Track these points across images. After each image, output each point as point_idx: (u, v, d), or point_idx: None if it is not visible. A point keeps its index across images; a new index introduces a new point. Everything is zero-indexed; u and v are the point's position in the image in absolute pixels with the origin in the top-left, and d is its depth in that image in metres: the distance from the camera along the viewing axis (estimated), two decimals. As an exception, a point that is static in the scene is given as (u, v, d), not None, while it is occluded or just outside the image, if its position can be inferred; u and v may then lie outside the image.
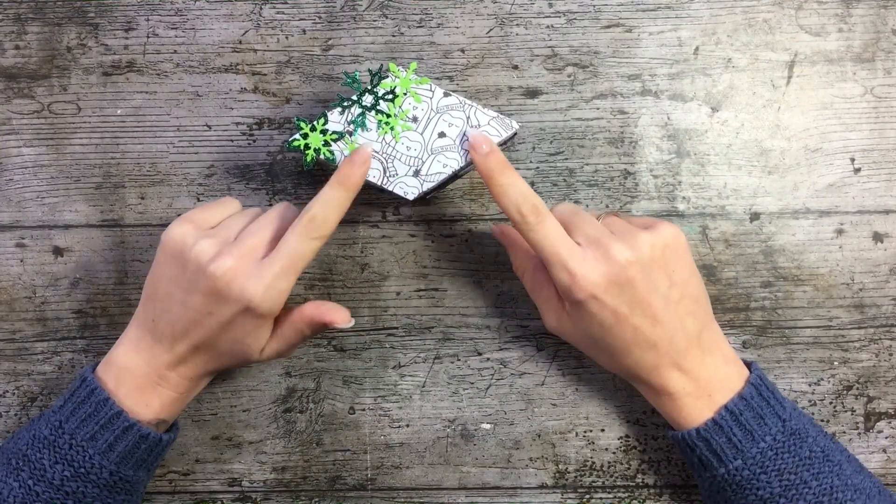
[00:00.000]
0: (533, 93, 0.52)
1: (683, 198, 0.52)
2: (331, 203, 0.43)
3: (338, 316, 0.44)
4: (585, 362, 0.52)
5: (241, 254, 0.42)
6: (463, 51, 0.52)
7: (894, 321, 0.52)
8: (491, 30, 0.52)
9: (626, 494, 0.53)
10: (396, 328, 0.53)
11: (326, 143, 0.46)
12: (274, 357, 0.46)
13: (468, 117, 0.47)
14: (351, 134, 0.47)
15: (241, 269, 0.41)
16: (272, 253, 0.42)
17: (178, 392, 0.45)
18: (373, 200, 0.52)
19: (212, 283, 0.41)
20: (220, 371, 0.46)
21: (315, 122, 0.46)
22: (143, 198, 0.52)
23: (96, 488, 0.43)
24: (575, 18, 0.52)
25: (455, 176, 0.49)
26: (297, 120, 0.46)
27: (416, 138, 0.47)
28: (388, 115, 0.47)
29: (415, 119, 0.47)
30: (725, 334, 0.52)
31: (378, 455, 0.53)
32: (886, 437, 0.52)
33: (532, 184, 0.52)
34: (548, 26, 0.52)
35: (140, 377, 0.44)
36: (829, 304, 0.52)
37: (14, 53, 0.52)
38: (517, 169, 0.52)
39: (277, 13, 0.52)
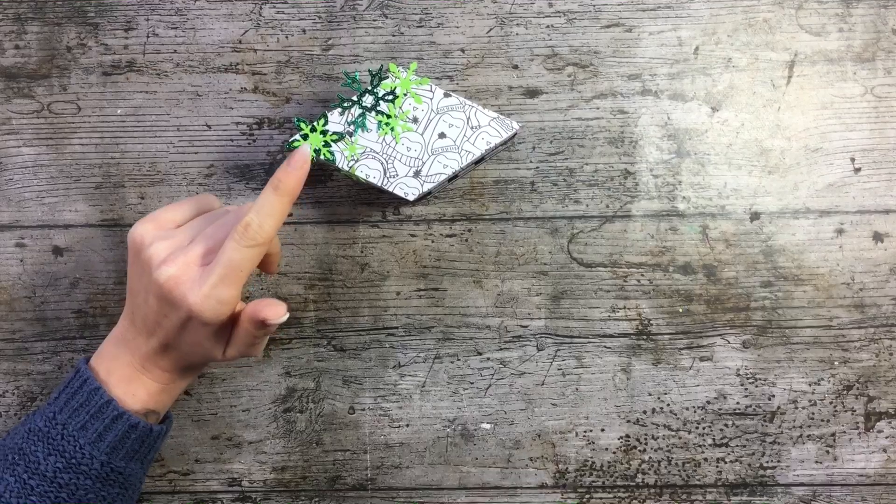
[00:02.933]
0: (533, 92, 0.52)
1: (683, 197, 0.52)
2: (265, 210, 0.41)
3: (270, 311, 0.42)
4: (585, 362, 0.52)
5: (186, 261, 0.41)
6: (463, 50, 0.52)
7: (894, 321, 0.52)
8: (491, 29, 0.52)
9: (626, 494, 0.53)
10: (396, 328, 0.53)
11: (326, 144, 0.46)
12: (239, 357, 0.45)
13: (468, 118, 0.47)
14: (351, 135, 0.47)
15: (182, 276, 0.41)
16: (212, 262, 0.41)
17: (161, 383, 0.45)
18: (373, 200, 0.52)
19: (157, 289, 0.41)
20: (196, 367, 0.46)
21: (315, 123, 0.46)
22: (142, 198, 0.52)
23: (88, 480, 0.43)
24: (575, 18, 0.52)
25: (455, 176, 0.49)
26: (297, 120, 0.46)
27: (417, 139, 0.47)
28: (389, 116, 0.47)
29: (415, 120, 0.47)
30: (725, 334, 0.52)
31: (378, 455, 0.53)
32: (886, 437, 0.52)
33: (532, 183, 0.52)
34: (548, 26, 0.52)
35: (126, 366, 0.44)
36: (829, 304, 0.52)
37: (14, 53, 0.52)
38: (517, 169, 0.52)
39: (277, 13, 0.52)
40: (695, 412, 0.52)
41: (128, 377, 0.44)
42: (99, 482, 0.43)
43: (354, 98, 0.47)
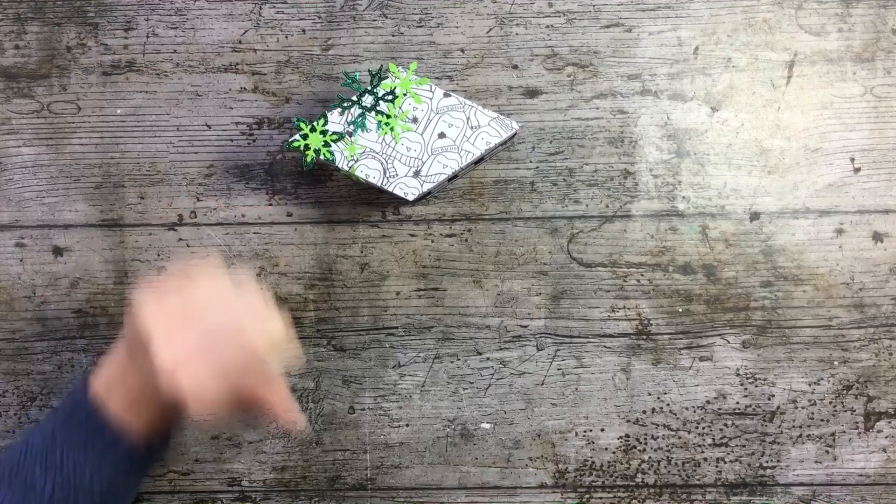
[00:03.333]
0: (533, 92, 0.52)
1: (683, 197, 0.52)
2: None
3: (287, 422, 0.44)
4: (585, 362, 0.52)
5: (195, 376, 0.41)
6: (463, 50, 0.52)
7: (894, 321, 0.52)
8: (491, 29, 0.52)
9: (626, 494, 0.53)
10: (396, 328, 0.53)
11: (326, 144, 0.46)
12: None
13: (468, 118, 0.47)
14: (351, 135, 0.47)
15: (188, 391, 0.41)
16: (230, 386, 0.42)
17: (160, 409, 0.45)
18: (373, 200, 0.52)
19: (161, 386, 0.41)
20: None
21: (315, 123, 0.46)
22: (142, 197, 0.52)
23: (86, 499, 0.43)
24: (575, 18, 0.52)
25: (455, 176, 0.49)
26: (297, 120, 0.46)
27: (416, 139, 0.47)
28: (389, 116, 0.47)
29: (415, 120, 0.47)
30: (725, 334, 0.52)
31: (378, 455, 0.53)
32: (886, 437, 0.52)
33: (532, 183, 0.52)
34: (548, 26, 0.52)
35: (128, 389, 0.44)
36: (829, 304, 0.52)
37: (14, 53, 0.52)
38: (517, 169, 0.52)
39: (277, 13, 0.52)
40: (694, 412, 0.52)
41: (128, 400, 0.44)
42: (96, 500, 0.43)
43: (354, 98, 0.47)
